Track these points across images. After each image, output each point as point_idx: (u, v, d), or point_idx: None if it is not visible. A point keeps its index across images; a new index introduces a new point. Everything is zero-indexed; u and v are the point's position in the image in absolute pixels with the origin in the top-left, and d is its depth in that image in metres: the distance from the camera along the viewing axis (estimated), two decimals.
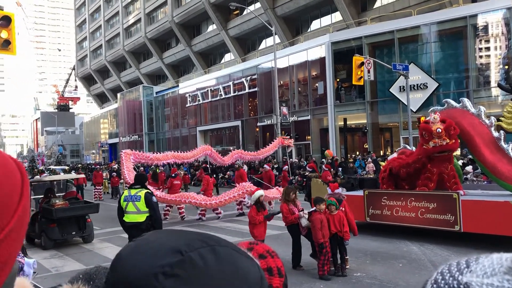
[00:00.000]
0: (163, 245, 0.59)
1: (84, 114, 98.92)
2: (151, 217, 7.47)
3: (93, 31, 74.34)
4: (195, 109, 44.74)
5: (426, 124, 10.53)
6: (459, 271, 0.56)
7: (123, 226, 7.77)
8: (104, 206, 20.77)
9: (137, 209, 7.44)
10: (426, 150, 10.49)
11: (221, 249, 0.60)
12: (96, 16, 73.39)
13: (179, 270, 0.56)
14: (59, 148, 76.29)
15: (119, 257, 0.61)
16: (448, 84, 26.55)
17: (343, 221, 7.99)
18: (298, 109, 33.40)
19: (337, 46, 30.11)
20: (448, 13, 26.17)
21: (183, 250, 0.58)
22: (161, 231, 0.66)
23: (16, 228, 0.52)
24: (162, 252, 0.58)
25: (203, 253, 0.58)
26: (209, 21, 48.33)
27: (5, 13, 10.99)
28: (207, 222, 14.83)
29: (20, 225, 0.53)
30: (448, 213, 9.88)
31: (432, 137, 10.27)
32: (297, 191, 9.11)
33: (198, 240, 0.60)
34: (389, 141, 31.40)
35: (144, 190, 7.61)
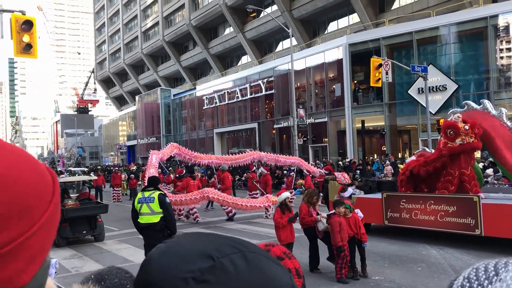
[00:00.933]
0: (194, 249, 0.59)
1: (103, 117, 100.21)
2: (165, 217, 7.65)
3: (112, 34, 75.32)
4: (212, 111, 44.95)
5: (452, 121, 10.23)
6: (487, 279, 0.53)
7: (138, 228, 7.94)
8: (122, 208, 21.03)
9: (151, 210, 7.62)
10: (452, 148, 10.19)
11: (252, 255, 0.60)
12: (115, 19, 74.35)
13: (210, 276, 0.56)
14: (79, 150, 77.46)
15: (149, 259, 0.61)
16: (468, 86, 26.16)
17: (358, 223, 7.93)
18: (315, 111, 33.29)
19: (355, 48, 29.93)
20: (468, 14, 25.80)
21: (214, 255, 0.57)
22: (191, 234, 0.66)
23: (48, 223, 0.57)
24: (193, 256, 0.58)
25: (234, 259, 0.58)
26: (226, 24, 48.55)
27: (27, 18, 11.22)
28: (223, 224, 14.86)
29: (52, 221, 0.58)
30: (468, 217, 9.72)
31: (459, 135, 9.99)
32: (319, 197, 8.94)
33: (229, 246, 0.60)
34: (407, 143, 31.05)
35: (157, 191, 7.79)
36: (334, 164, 26.38)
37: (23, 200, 0.54)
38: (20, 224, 0.53)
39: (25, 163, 0.57)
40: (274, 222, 8.14)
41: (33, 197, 0.55)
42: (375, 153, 31.47)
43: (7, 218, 0.52)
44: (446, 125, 10.38)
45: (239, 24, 45.62)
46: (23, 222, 0.53)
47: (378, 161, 25.63)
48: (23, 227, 0.53)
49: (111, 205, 22.07)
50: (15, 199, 0.53)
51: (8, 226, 0.52)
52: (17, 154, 0.57)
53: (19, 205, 0.53)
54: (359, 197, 12.13)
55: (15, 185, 0.53)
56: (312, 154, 33.06)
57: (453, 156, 10.37)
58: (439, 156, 10.57)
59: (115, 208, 20.87)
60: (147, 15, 63.54)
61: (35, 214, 0.55)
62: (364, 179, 16.64)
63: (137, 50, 65.01)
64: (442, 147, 10.45)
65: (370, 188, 13.44)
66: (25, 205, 0.54)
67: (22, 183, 0.54)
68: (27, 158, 0.58)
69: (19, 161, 0.56)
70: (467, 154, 10.37)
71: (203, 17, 49.68)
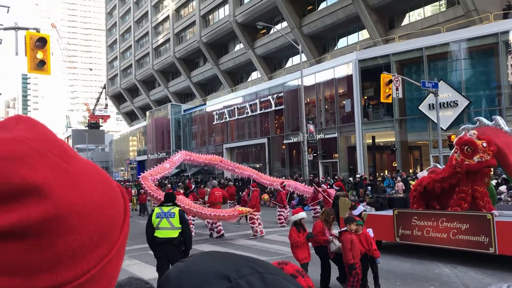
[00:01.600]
0: (212, 269, 0.59)
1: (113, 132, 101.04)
2: (183, 233, 7.76)
3: (123, 51, 76.35)
4: (222, 126, 45.11)
5: (470, 138, 10.04)
6: None
7: (154, 242, 7.91)
8: (131, 223, 20.94)
9: (171, 225, 7.74)
10: (470, 166, 10.00)
11: (270, 277, 0.59)
12: (126, 36, 75.44)
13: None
14: None
15: (167, 279, 0.61)
16: (479, 102, 26.00)
17: (369, 240, 7.83)
18: (325, 126, 33.25)
19: (365, 64, 29.98)
20: (478, 30, 25.78)
21: (232, 276, 0.57)
22: (209, 253, 0.65)
23: (123, 244, 0.57)
24: (210, 277, 0.57)
25: (251, 280, 0.57)
26: (236, 40, 49.00)
27: (42, 35, 11.42)
28: (232, 240, 14.79)
29: (125, 241, 0.58)
30: (482, 235, 9.56)
31: (477, 152, 9.82)
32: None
33: (247, 267, 0.59)
34: (418, 159, 30.82)
35: (177, 207, 7.97)
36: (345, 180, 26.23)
37: (106, 226, 0.53)
38: (100, 251, 0.53)
39: (107, 184, 0.56)
40: (290, 241, 7.96)
41: (113, 221, 0.55)
42: (385, 169, 31.27)
43: (93, 246, 0.51)
44: (463, 142, 10.14)
45: (249, 41, 46.03)
46: (103, 249, 0.53)
47: (389, 177, 25.44)
48: (103, 253, 0.53)
49: None
50: (102, 226, 0.53)
51: (91, 254, 0.51)
52: (101, 175, 0.57)
53: (103, 231, 0.53)
54: (370, 214, 12.02)
55: (105, 211, 0.53)
56: (322, 170, 32.91)
57: (469, 173, 10.22)
58: (454, 173, 10.42)
59: None
60: (158, 32, 64.40)
61: (112, 239, 0.55)
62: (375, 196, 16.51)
63: (148, 66, 65.75)
64: (457, 164, 10.27)
65: (381, 204, 13.31)
66: (107, 230, 0.54)
67: (109, 208, 0.54)
68: (106, 178, 0.58)
69: (104, 184, 0.56)
70: (483, 172, 10.25)
71: (213, 34, 50.22)
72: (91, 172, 0.55)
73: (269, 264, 0.63)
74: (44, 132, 0.53)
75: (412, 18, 34.12)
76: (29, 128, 0.52)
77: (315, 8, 39.33)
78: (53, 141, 0.53)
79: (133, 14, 71.44)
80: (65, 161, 0.52)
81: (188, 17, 55.75)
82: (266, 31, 44.13)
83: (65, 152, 0.53)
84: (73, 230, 0.50)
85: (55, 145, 0.53)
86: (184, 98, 63.55)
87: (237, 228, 17.46)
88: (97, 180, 0.55)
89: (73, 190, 0.51)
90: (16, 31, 12.59)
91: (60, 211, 0.49)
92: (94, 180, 0.55)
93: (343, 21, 36.71)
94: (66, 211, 0.49)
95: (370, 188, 23.06)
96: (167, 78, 64.46)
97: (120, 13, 76.78)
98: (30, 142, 0.50)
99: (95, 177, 0.55)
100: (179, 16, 58.64)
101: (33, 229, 0.47)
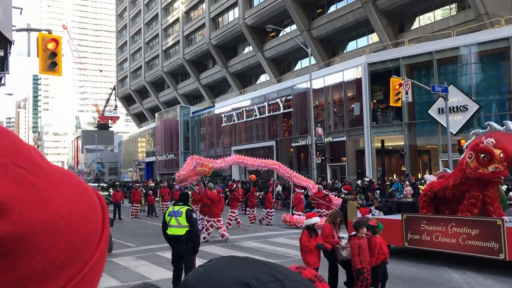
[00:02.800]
0: (232, 275, 0.58)
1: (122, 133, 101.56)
2: (190, 231, 8.18)
3: (133, 52, 76.79)
4: (230, 129, 45.17)
5: (488, 147, 9.86)
6: None
7: (166, 238, 8.55)
8: (140, 224, 21.13)
9: (179, 223, 8.24)
10: (483, 174, 9.88)
11: (290, 284, 0.58)
12: (136, 38, 75.89)
13: None
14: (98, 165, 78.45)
15: (186, 284, 0.60)
16: (489, 106, 25.80)
17: (382, 244, 7.78)
18: (333, 130, 33.17)
19: (374, 67, 29.89)
20: (489, 34, 25.60)
21: (252, 284, 0.56)
22: (228, 258, 0.65)
23: (98, 261, 0.53)
24: (230, 283, 0.57)
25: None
26: (245, 43, 49.09)
27: (53, 36, 11.53)
28: (240, 242, 14.79)
29: (101, 258, 0.54)
30: (491, 240, 9.48)
31: (493, 162, 9.67)
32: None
33: (267, 273, 0.59)
34: (427, 164, 30.63)
35: (186, 207, 8.41)
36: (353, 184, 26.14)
37: (78, 243, 0.49)
38: (70, 270, 0.48)
39: (83, 196, 0.52)
40: (300, 245, 7.78)
41: (87, 237, 0.51)
42: (394, 173, 31.11)
43: (61, 266, 0.47)
44: (480, 149, 9.91)
45: (258, 43, 46.09)
46: (73, 267, 0.49)
47: (397, 181, 25.30)
48: (73, 272, 0.49)
49: (129, 221, 22.25)
50: (72, 243, 0.48)
51: (59, 275, 0.47)
52: (76, 185, 0.53)
53: (74, 249, 0.49)
54: (378, 218, 11.96)
55: (77, 226, 0.49)
56: (330, 173, 32.83)
57: (480, 180, 10.12)
58: (465, 179, 10.32)
59: (133, 224, 20.99)
60: (168, 34, 64.71)
61: (85, 256, 0.50)
62: (383, 200, 16.44)
63: (158, 68, 66.07)
64: (470, 170, 10.13)
65: (389, 209, 13.25)
66: (79, 247, 0.49)
67: (82, 222, 0.50)
68: (83, 188, 0.53)
69: (78, 195, 0.52)
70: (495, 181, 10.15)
71: (223, 36, 50.36)
72: (65, 185, 0.51)
73: (289, 270, 0.63)
74: (11, 142, 0.48)
75: (422, 21, 33.97)
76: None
77: (325, 11, 39.29)
78: (21, 152, 0.48)
79: (143, 16, 71.87)
80: (32, 174, 0.47)
81: (198, 19, 55.97)
82: (275, 34, 44.16)
83: (34, 164, 0.49)
84: (37, 250, 0.45)
85: (23, 156, 0.48)
86: (193, 100, 63.75)
87: (245, 231, 17.47)
88: (70, 194, 0.51)
89: (37, 206, 0.46)
90: (28, 32, 12.73)
91: (20, 230, 0.44)
92: (66, 194, 0.50)
93: (353, 24, 36.64)
94: (28, 230, 0.45)
95: (378, 192, 22.96)
96: (176, 80, 64.72)
97: (131, 15, 77.28)
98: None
99: (68, 190, 0.51)
100: (189, 18, 58.89)
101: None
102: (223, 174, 43.68)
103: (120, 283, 9.39)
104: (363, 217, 8.77)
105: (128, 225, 20.49)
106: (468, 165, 10.17)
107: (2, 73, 12.50)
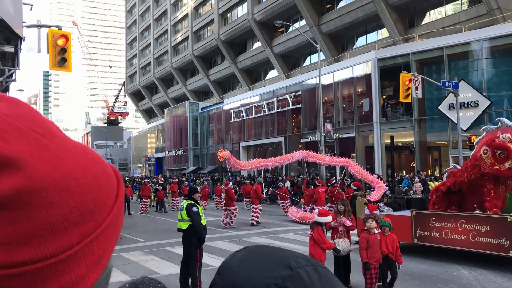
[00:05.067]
0: (273, 258, 0.64)
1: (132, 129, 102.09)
2: (191, 224, 8.29)
3: (142, 48, 77.03)
4: (239, 125, 45.19)
5: (505, 143, 9.68)
6: None
7: None
8: (149, 219, 21.24)
9: (182, 218, 8.45)
10: (499, 171, 9.76)
11: (322, 270, 0.64)
12: (146, 34, 76.11)
13: (289, 283, 0.60)
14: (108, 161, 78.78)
15: (227, 265, 0.65)
16: (501, 102, 25.53)
17: (396, 244, 7.70)
18: (342, 126, 33.04)
19: (384, 63, 29.69)
20: (501, 29, 25.29)
21: (292, 265, 0.62)
22: (260, 246, 0.70)
23: (112, 225, 0.56)
24: (273, 265, 0.62)
25: (308, 271, 0.62)
26: (254, 38, 49.00)
27: (63, 33, 11.59)
28: (248, 237, 14.80)
29: (115, 223, 0.58)
30: (502, 237, 9.39)
31: (510, 158, 9.52)
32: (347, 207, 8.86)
33: (302, 259, 0.64)
34: (437, 160, 30.42)
35: (188, 201, 8.53)
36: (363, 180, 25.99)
37: (91, 203, 0.53)
38: (83, 228, 0.52)
39: (96, 164, 0.57)
40: (317, 239, 7.51)
41: (99, 200, 0.55)
42: (403, 170, 30.93)
43: (74, 222, 0.51)
44: (496, 145, 9.75)
45: (267, 39, 45.98)
46: (86, 226, 0.53)
47: (407, 177, 25.16)
48: (86, 230, 0.52)
49: (139, 217, 22.38)
50: (85, 202, 0.52)
51: (72, 230, 0.51)
52: (89, 155, 0.57)
53: (87, 208, 0.53)
54: (387, 214, 11.91)
55: (88, 188, 0.53)
56: (339, 169, 32.70)
57: (496, 177, 10.00)
58: (480, 175, 10.20)
59: (143, 220, 21.11)
60: (177, 30, 64.79)
61: (98, 217, 0.54)
62: (393, 196, 16.37)
63: (167, 64, 66.23)
64: (486, 167, 9.97)
65: (399, 205, 13.18)
66: (91, 207, 0.53)
67: (94, 185, 0.54)
68: (97, 159, 0.58)
69: (91, 162, 0.56)
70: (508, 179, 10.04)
71: (231, 32, 50.31)
72: (78, 152, 0.55)
73: (317, 261, 0.68)
74: (28, 111, 0.53)
75: (432, 16, 33.64)
76: (11, 107, 0.52)
77: (334, 7, 39.07)
78: (37, 120, 0.53)
79: (152, 12, 72.02)
80: (47, 138, 0.52)
81: (207, 15, 55.96)
82: (284, 29, 44.03)
83: (49, 131, 0.53)
84: (51, 204, 0.49)
85: (38, 123, 0.52)
86: (201, 96, 63.86)
87: (253, 226, 17.48)
88: (84, 159, 0.55)
89: (51, 165, 0.50)
90: (38, 28, 12.81)
91: (34, 184, 0.48)
92: (80, 158, 0.54)
93: (362, 19, 36.39)
94: (41, 184, 0.49)
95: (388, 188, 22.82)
96: (185, 76, 64.84)
97: (140, 11, 77.47)
98: (9, 118, 0.50)
99: (82, 156, 0.55)
100: (198, 14, 58.91)
101: (7, 201, 0.47)
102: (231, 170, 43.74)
103: (130, 277, 9.44)
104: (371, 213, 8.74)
105: (137, 220, 20.61)
106: (483, 160, 10.04)
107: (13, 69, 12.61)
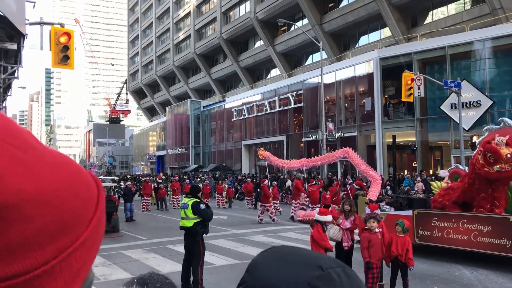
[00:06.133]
0: (303, 259, 0.66)
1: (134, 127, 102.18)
2: (201, 221, 8.30)
3: (144, 47, 77.05)
4: (241, 123, 45.19)
5: (495, 146, 9.60)
6: None
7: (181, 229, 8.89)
8: (150, 217, 21.27)
9: (186, 216, 8.42)
10: (488, 173, 9.73)
11: (350, 271, 0.66)
12: (148, 32, 76.11)
13: (321, 283, 0.61)
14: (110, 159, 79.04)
15: (257, 265, 0.66)
16: (503, 102, 25.47)
17: (406, 246, 7.66)
18: (344, 125, 33.02)
19: (386, 62, 29.64)
20: (503, 29, 25.22)
21: (323, 266, 0.64)
22: (287, 247, 0.71)
23: (92, 237, 0.55)
24: (305, 265, 0.64)
25: (338, 272, 0.64)
26: (256, 37, 48.97)
27: (66, 30, 11.59)
28: (250, 236, 14.80)
29: (95, 235, 0.56)
30: (504, 238, 9.38)
31: (499, 162, 9.46)
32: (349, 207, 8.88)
33: (331, 260, 0.66)
34: (439, 160, 30.38)
35: (193, 199, 8.49)
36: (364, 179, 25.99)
37: (68, 216, 0.52)
38: (60, 241, 0.51)
39: (75, 174, 0.55)
40: (317, 237, 7.67)
41: (78, 212, 0.53)
42: (405, 169, 30.90)
43: (51, 236, 0.50)
44: (487, 149, 9.71)
45: (269, 38, 45.95)
46: (64, 239, 0.51)
47: (408, 177, 25.14)
48: (64, 244, 0.51)
49: (140, 215, 22.40)
50: (62, 215, 0.51)
51: (49, 245, 0.50)
52: (68, 165, 0.56)
53: (64, 221, 0.51)
54: (388, 213, 11.90)
55: (66, 200, 0.51)
56: (340, 169, 32.69)
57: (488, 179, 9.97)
58: (476, 176, 10.18)
59: (144, 218, 21.12)
60: (179, 28, 64.79)
61: (77, 230, 0.53)
62: (394, 196, 16.35)
63: (169, 62, 66.24)
64: (478, 168, 9.99)
65: (400, 204, 13.17)
66: (69, 220, 0.52)
67: (72, 197, 0.53)
68: (76, 169, 0.57)
69: (70, 173, 0.55)
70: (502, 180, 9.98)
71: (234, 31, 50.29)
72: (56, 163, 0.54)
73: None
74: (4, 124, 0.52)
75: (435, 16, 33.58)
76: None
77: (337, 5, 39.01)
78: (11, 132, 0.51)
79: (154, 10, 72.03)
80: (22, 151, 0.51)
81: (209, 13, 55.93)
82: (286, 28, 43.97)
83: (27, 143, 0.52)
84: (25, 218, 0.48)
85: (13, 135, 0.51)
86: (203, 94, 63.87)
87: (254, 225, 17.49)
88: (62, 170, 0.54)
89: (25, 178, 0.49)
90: (41, 26, 12.82)
91: (7, 198, 0.47)
92: (57, 170, 0.53)
93: (365, 18, 36.33)
94: (15, 199, 0.48)
95: (389, 187, 22.81)
96: (187, 74, 64.85)
97: (142, 9, 77.48)
98: None
99: (60, 167, 0.54)
100: (200, 12, 58.88)
101: None
102: (233, 169, 43.80)
103: (131, 275, 9.45)
104: (372, 212, 8.75)
105: (138, 218, 20.63)
106: (478, 161, 10.05)
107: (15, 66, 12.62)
